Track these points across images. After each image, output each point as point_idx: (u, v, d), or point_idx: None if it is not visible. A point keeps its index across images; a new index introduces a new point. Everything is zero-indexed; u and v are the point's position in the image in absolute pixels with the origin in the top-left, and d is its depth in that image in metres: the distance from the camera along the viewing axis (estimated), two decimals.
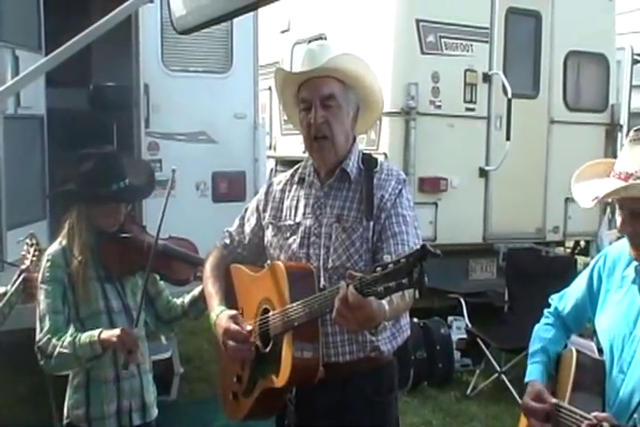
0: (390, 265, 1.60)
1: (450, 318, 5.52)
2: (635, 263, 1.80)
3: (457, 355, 5.33)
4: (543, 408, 1.84)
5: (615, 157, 1.81)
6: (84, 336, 2.30)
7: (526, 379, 1.97)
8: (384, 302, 1.74)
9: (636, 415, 1.56)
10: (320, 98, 2.13)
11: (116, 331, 2.32)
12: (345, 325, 1.81)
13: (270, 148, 7.40)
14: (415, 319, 5.20)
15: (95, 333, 2.31)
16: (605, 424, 1.47)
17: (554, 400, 1.83)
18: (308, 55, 2.20)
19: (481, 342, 5.10)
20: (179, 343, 4.50)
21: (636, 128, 1.77)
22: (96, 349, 2.29)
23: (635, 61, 7.24)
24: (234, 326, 2.08)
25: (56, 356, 2.29)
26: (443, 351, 5.20)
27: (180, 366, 4.37)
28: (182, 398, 4.41)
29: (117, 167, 2.48)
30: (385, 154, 5.69)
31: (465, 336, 5.34)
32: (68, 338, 2.30)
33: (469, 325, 5.25)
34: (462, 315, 5.32)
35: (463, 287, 5.79)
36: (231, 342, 2.07)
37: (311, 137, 2.15)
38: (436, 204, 5.78)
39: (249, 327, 2.09)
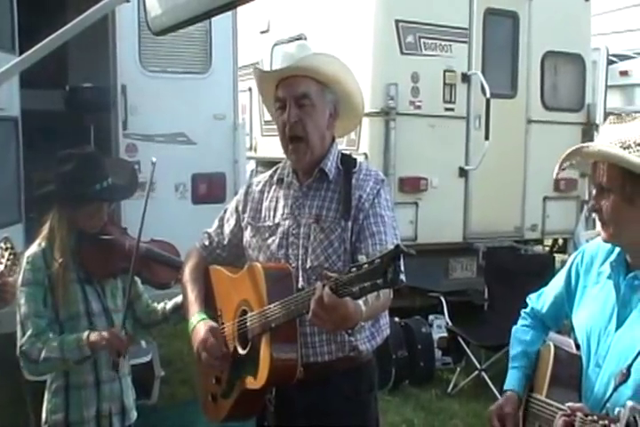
0: (365, 266, 1.61)
1: (430, 317, 5.55)
2: (610, 259, 1.83)
3: (438, 353, 5.37)
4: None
5: None
6: (71, 340, 2.28)
7: (505, 386, 2.00)
8: (360, 302, 1.74)
9: (608, 405, 1.58)
10: (294, 97, 2.13)
11: (104, 333, 2.31)
12: (321, 325, 1.81)
13: (251, 149, 7.39)
14: (396, 319, 5.23)
15: (83, 336, 2.29)
16: (579, 414, 1.49)
17: None
18: (284, 54, 2.21)
19: (461, 340, 5.15)
20: (159, 346, 4.47)
21: (616, 113, 1.80)
22: (85, 351, 2.28)
23: (610, 62, 7.32)
24: (212, 340, 2.08)
25: (42, 360, 2.26)
26: (424, 350, 5.24)
27: (160, 369, 4.34)
28: (163, 402, 4.39)
29: (99, 167, 2.47)
30: (365, 154, 5.70)
31: (445, 335, 5.38)
32: (53, 342, 2.28)
33: (450, 323, 5.28)
34: (443, 313, 5.35)
35: (443, 286, 5.82)
36: (205, 355, 2.07)
37: (286, 137, 2.16)
38: (416, 203, 5.79)
39: (225, 350, 2.09)
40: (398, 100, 5.68)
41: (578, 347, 1.91)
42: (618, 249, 1.82)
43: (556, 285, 2.05)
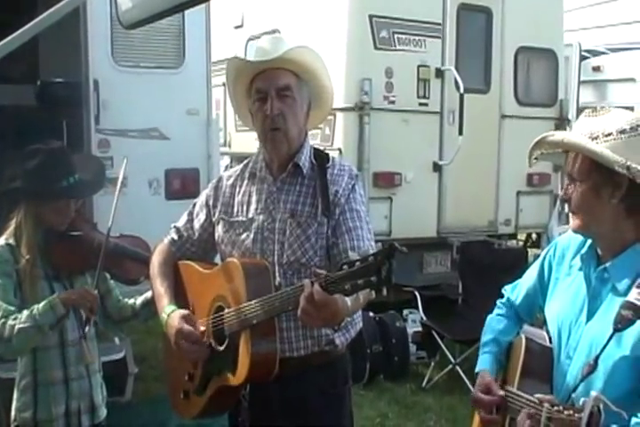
0: (357, 263, 1.60)
1: (405, 312, 5.57)
2: (582, 252, 1.84)
3: (412, 348, 5.39)
4: (491, 400, 1.87)
5: None
6: (42, 304, 2.25)
7: (476, 369, 2.00)
8: (347, 298, 1.74)
9: (574, 395, 1.60)
10: (276, 89, 2.12)
11: (75, 290, 2.32)
12: (310, 322, 1.81)
13: (225, 144, 7.35)
14: (371, 313, 5.25)
15: (52, 296, 2.27)
16: (546, 404, 1.50)
17: (501, 392, 1.87)
18: (263, 46, 2.18)
19: (436, 335, 5.17)
20: (133, 343, 4.44)
21: (591, 107, 1.82)
22: (59, 310, 2.24)
23: (582, 57, 7.39)
24: (187, 327, 2.05)
25: (16, 334, 2.21)
26: (398, 344, 5.25)
27: (134, 365, 4.31)
28: (137, 398, 4.36)
29: (66, 163, 2.44)
30: (339, 149, 5.71)
31: (420, 329, 5.40)
32: (24, 313, 2.24)
33: (424, 318, 5.30)
34: (417, 308, 5.37)
35: (418, 281, 5.84)
36: (184, 343, 2.05)
37: (265, 128, 2.14)
38: (390, 198, 5.81)
39: (202, 328, 2.07)
40: (372, 96, 5.69)
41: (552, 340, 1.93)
42: (589, 242, 1.83)
43: (529, 277, 2.06)
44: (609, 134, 1.68)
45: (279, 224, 2.15)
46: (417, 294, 5.38)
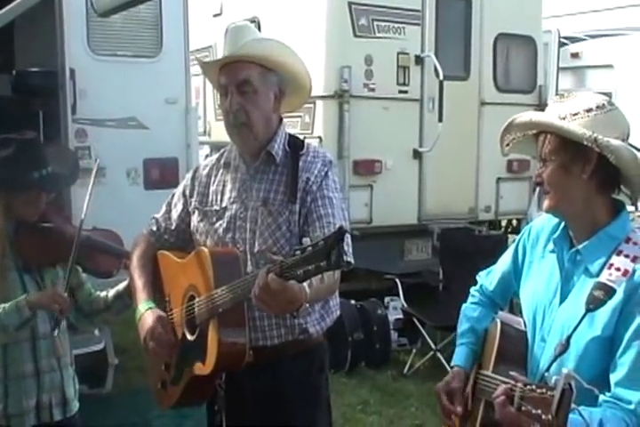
0: (309, 248, 1.59)
1: (386, 299, 5.59)
2: (555, 235, 1.85)
3: (394, 335, 5.41)
4: (450, 409, 1.90)
5: None
6: (9, 304, 2.22)
7: (452, 362, 2.01)
8: (304, 284, 1.73)
9: (546, 374, 1.61)
10: (236, 84, 2.11)
11: (45, 291, 2.28)
12: (266, 309, 1.80)
13: (205, 133, 7.32)
14: (352, 301, 5.26)
15: (21, 297, 2.24)
16: (519, 384, 1.52)
17: (459, 409, 1.89)
18: (227, 39, 2.18)
19: (417, 322, 5.19)
20: (113, 334, 4.43)
21: (560, 93, 1.84)
22: (24, 312, 2.21)
23: (561, 44, 7.42)
24: (160, 329, 2.07)
25: None
26: (380, 332, 5.27)
27: (114, 357, 4.30)
28: (117, 390, 4.35)
29: (39, 154, 2.39)
30: (320, 137, 5.70)
31: (401, 316, 5.43)
32: None
33: (405, 305, 5.32)
34: (398, 295, 5.39)
35: (399, 268, 5.86)
36: (153, 344, 2.08)
37: (229, 124, 2.15)
38: (370, 186, 5.81)
39: (172, 339, 2.09)
40: (352, 83, 5.67)
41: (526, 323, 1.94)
42: (562, 224, 1.85)
43: (504, 262, 2.06)
44: (576, 113, 1.71)
45: (251, 213, 2.15)
46: (398, 281, 5.40)
